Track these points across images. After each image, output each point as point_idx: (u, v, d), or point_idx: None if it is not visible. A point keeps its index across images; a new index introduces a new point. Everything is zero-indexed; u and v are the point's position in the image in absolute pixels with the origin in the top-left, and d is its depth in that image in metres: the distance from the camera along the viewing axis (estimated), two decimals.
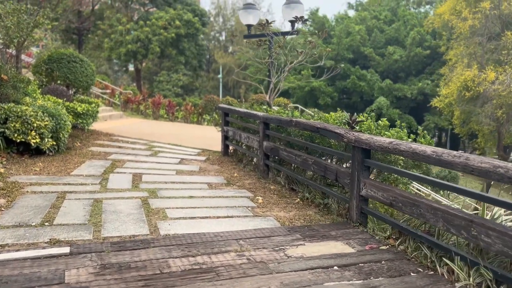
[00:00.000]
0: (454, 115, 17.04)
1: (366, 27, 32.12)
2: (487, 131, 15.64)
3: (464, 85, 14.02)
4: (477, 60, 14.61)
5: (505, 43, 14.03)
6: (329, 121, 5.27)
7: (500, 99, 13.32)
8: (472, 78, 13.69)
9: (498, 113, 14.17)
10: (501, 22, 14.61)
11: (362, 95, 29.83)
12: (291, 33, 7.81)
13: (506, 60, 13.87)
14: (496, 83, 13.21)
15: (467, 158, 3.04)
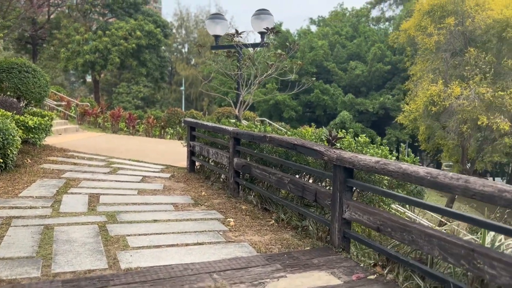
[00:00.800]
0: (420, 130, 17.37)
1: (329, 42, 32.64)
2: (452, 145, 16.01)
3: (430, 100, 14.29)
4: (442, 75, 14.97)
5: (469, 59, 14.46)
6: (306, 137, 4.96)
7: (465, 114, 13.65)
8: (438, 93, 13.98)
9: (463, 128, 14.53)
10: (464, 38, 15.09)
11: (325, 109, 30.11)
12: (261, 45, 7.52)
13: (470, 75, 14.28)
14: (461, 98, 13.54)
15: (467, 181, 2.78)
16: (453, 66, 15.35)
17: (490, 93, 13.05)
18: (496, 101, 13.23)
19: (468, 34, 14.91)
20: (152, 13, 36.09)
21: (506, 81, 13.80)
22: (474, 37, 15.06)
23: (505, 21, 13.46)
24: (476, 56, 14.19)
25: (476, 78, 13.83)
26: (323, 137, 4.76)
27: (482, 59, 13.96)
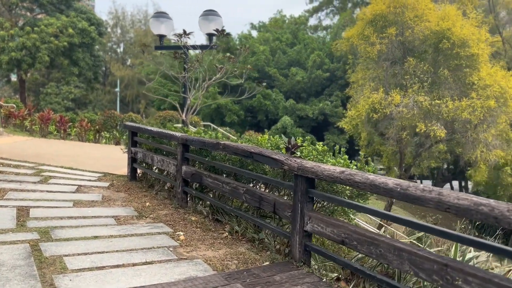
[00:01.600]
0: (361, 136, 17.92)
1: (270, 48, 32.94)
2: (391, 151, 16.68)
3: (372, 108, 14.77)
4: (383, 83, 15.55)
5: (408, 68, 15.15)
6: (262, 144, 4.73)
7: (404, 121, 14.26)
8: (379, 101, 14.48)
9: (402, 135, 15.19)
10: (404, 48, 15.80)
11: (267, 114, 30.28)
12: (210, 47, 7.21)
13: (409, 84, 14.95)
14: (401, 106, 14.12)
15: (440, 194, 2.69)
16: (393, 75, 16.03)
17: (428, 101, 13.76)
18: (433, 109, 13.97)
19: (407, 44, 15.67)
20: (85, 10, 34.22)
21: (442, 90, 14.64)
22: (413, 47, 15.86)
23: (441, 33, 14.30)
24: (415, 65, 14.93)
25: (414, 86, 14.53)
26: (281, 145, 4.57)
27: (420, 69, 14.71)
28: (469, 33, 14.15)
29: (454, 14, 14.71)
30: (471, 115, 13.37)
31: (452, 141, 14.36)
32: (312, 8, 53.59)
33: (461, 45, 13.96)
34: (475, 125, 13.88)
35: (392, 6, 15.05)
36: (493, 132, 14.51)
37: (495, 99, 13.68)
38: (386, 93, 14.76)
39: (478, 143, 14.19)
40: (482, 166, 15.18)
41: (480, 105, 13.35)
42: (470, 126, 14.04)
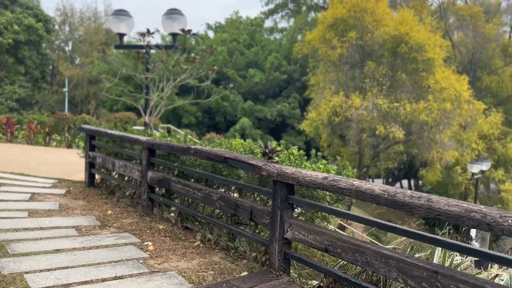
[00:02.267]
0: (322, 138, 18.16)
1: (228, 49, 32.74)
2: (351, 153, 17.01)
3: (333, 111, 14.97)
4: (343, 86, 15.83)
5: (367, 71, 15.50)
6: (236, 149, 4.58)
7: (364, 124, 14.57)
8: (340, 104, 14.71)
9: (363, 137, 15.51)
10: (363, 52, 16.15)
11: (225, 115, 30.06)
12: (175, 47, 6.94)
13: (368, 87, 15.30)
14: (361, 108, 14.42)
15: (430, 200, 2.67)
16: (354, 78, 16.38)
17: (386, 104, 14.17)
18: (391, 112, 14.40)
19: (367, 48, 16.06)
20: (32, 6, 32.40)
21: (399, 93, 15.13)
22: (372, 51, 16.27)
23: (399, 37, 14.76)
24: (374, 69, 15.32)
25: (374, 90, 14.91)
26: (255, 149, 4.44)
27: (379, 72, 15.11)
28: (425, 37, 14.73)
29: (411, 19, 15.27)
30: (428, 117, 13.93)
31: (409, 142, 14.88)
32: (267, 10, 53.98)
33: (418, 49, 14.51)
34: (431, 127, 14.46)
35: (352, 10, 15.35)
36: (448, 133, 15.18)
37: (450, 102, 14.33)
38: (347, 96, 15.05)
39: (435, 144, 14.79)
40: (438, 166, 15.84)
41: (436, 107, 13.93)
42: (427, 127, 14.61)
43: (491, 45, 20.05)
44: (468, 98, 15.23)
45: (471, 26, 19.37)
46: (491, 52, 20.37)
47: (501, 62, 21.37)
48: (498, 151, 18.09)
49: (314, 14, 47.43)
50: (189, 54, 7.72)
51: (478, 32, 19.18)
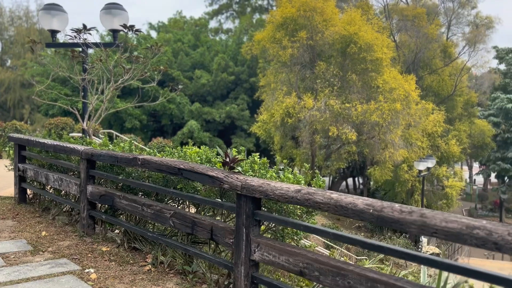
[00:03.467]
0: (274, 140, 17.84)
1: (172, 49, 31.72)
2: (303, 154, 16.83)
3: (286, 112, 14.68)
4: (295, 87, 15.63)
5: (318, 72, 15.38)
6: (192, 158, 4.06)
7: (317, 125, 14.42)
8: (293, 105, 14.45)
9: (316, 138, 15.36)
10: (314, 52, 16.02)
11: (172, 118, 29.05)
12: (116, 45, 6.25)
13: (320, 88, 15.17)
14: (313, 109, 14.25)
15: (423, 215, 2.32)
16: (305, 79, 16.23)
17: (338, 105, 14.12)
18: (343, 113, 14.38)
19: (318, 48, 15.96)
20: None
21: (350, 93, 15.16)
22: (323, 51, 16.20)
23: (349, 37, 14.78)
24: (325, 69, 15.24)
25: (325, 90, 14.82)
26: (213, 158, 3.96)
27: (330, 73, 15.06)
28: (373, 37, 14.89)
29: (359, 19, 15.39)
30: (380, 117, 14.06)
31: (360, 142, 14.98)
32: (212, 11, 53.44)
33: (367, 49, 14.62)
34: (382, 127, 14.63)
35: (301, 9, 15.18)
36: (399, 133, 15.46)
37: (400, 102, 14.58)
38: (299, 97, 14.86)
39: (386, 144, 14.99)
40: (390, 166, 16.12)
41: (387, 108, 14.10)
42: (378, 128, 14.78)
43: (433, 46, 20.90)
44: (416, 98, 15.65)
45: (415, 27, 20.05)
46: (432, 52, 21.25)
47: (441, 62, 22.37)
48: (441, 148, 18.84)
49: (259, 16, 47.52)
50: (132, 53, 7.05)
51: (421, 33, 19.90)
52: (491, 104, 29.23)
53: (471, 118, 23.47)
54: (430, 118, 16.18)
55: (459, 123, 21.78)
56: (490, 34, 21.65)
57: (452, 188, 18.43)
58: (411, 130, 15.85)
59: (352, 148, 15.19)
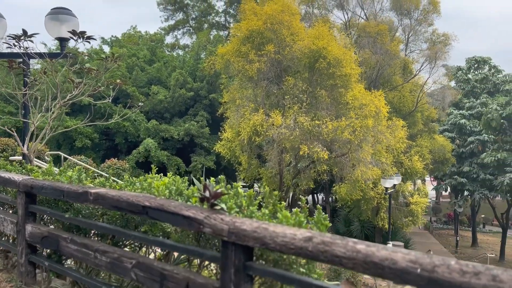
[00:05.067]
0: (241, 159, 17.05)
1: (126, 65, 30.39)
2: (271, 174, 16.18)
3: (254, 130, 14.00)
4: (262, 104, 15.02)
5: (287, 88, 14.87)
6: (160, 192, 3.27)
7: (287, 143, 13.83)
8: (261, 122, 13.80)
9: (286, 157, 14.77)
10: (281, 67, 15.53)
11: (126, 136, 27.56)
12: (63, 55, 5.36)
13: (289, 104, 14.65)
14: (282, 127, 13.68)
15: (496, 278, 1.70)
16: (273, 95, 15.69)
17: (308, 122, 13.64)
18: (314, 130, 13.90)
19: (286, 62, 15.50)
20: None
21: (320, 110, 14.76)
22: (291, 66, 15.76)
23: (318, 52, 14.43)
24: (294, 85, 14.77)
25: (294, 107, 14.33)
26: (184, 191, 3.19)
27: (299, 88, 14.61)
28: (341, 53, 14.66)
29: (327, 33, 15.14)
30: (352, 135, 13.73)
31: (330, 160, 14.56)
32: (168, 26, 52.40)
33: (336, 64, 14.34)
34: (355, 145, 14.31)
35: (268, 22, 14.72)
36: (371, 151, 15.20)
37: (372, 118, 14.35)
38: (267, 114, 14.28)
39: (358, 162, 14.66)
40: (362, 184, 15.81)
41: (359, 124, 13.80)
42: (350, 145, 14.44)
43: (394, 62, 21.22)
44: (386, 114, 15.53)
45: (377, 43, 20.25)
46: (393, 69, 21.57)
47: (401, 79, 22.76)
48: (404, 164, 18.91)
49: (216, 32, 47.07)
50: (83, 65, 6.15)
51: (383, 49, 20.11)
52: (445, 120, 30.20)
53: (431, 134, 23.99)
54: (399, 135, 16.14)
55: (421, 139, 22.14)
56: (448, 51, 22.38)
57: (417, 204, 18.48)
58: (379, 147, 15.70)
59: (323, 167, 14.75)
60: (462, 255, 32.44)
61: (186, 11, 50.17)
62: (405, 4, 22.45)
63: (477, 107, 31.81)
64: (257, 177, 17.76)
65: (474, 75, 35.55)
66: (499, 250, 32.27)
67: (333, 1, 23.83)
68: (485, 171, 28.69)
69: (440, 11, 23.07)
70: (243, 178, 19.98)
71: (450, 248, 34.57)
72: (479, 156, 28.72)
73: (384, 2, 23.90)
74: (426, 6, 22.87)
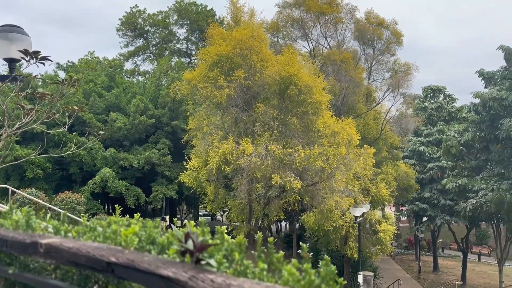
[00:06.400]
0: (208, 190, 16.27)
1: (83, 91, 29.16)
2: (240, 205, 15.49)
3: (223, 159, 13.34)
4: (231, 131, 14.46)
5: (258, 115, 14.43)
6: (129, 242, 2.63)
7: (258, 172, 13.28)
8: (231, 151, 13.17)
9: (257, 187, 14.19)
10: (252, 94, 15.11)
11: (82, 165, 26.05)
12: (12, 78, 4.66)
13: (260, 132, 14.17)
14: (253, 155, 13.14)
15: None
16: (242, 122, 15.19)
17: (280, 150, 13.22)
18: (286, 159, 13.48)
19: (256, 89, 15.10)
20: None
21: (292, 138, 14.39)
22: (261, 93, 15.40)
23: (288, 78, 14.16)
24: (265, 112, 14.37)
25: (266, 134, 13.88)
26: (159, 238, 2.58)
27: (270, 115, 14.21)
28: (312, 79, 14.51)
29: (297, 60, 14.97)
30: (325, 163, 13.42)
31: (301, 189, 14.15)
32: (127, 53, 51.44)
33: (307, 91, 14.13)
34: (328, 173, 14.02)
35: (238, 47, 14.33)
36: (344, 179, 14.96)
37: (344, 146, 14.15)
38: (237, 143, 13.72)
39: (332, 192, 14.35)
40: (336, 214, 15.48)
41: (332, 152, 13.54)
42: (323, 174, 14.13)
43: (359, 90, 21.53)
44: (357, 142, 15.44)
45: (342, 71, 20.49)
46: (357, 96, 21.88)
47: (365, 107, 23.14)
48: (371, 191, 18.87)
49: (178, 59, 46.61)
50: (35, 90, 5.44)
51: (347, 77, 20.36)
52: (404, 147, 30.95)
53: (395, 161, 24.37)
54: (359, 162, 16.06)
55: (386, 166, 22.37)
56: (410, 79, 23.08)
57: (385, 232, 18.36)
58: (350, 174, 15.54)
59: (295, 197, 14.31)
60: (425, 280, 32.68)
61: (146, 37, 49.53)
62: (368, 35, 23.16)
63: (434, 134, 32.96)
64: (223, 207, 17.01)
65: (430, 103, 37.08)
66: (459, 275, 32.82)
67: (297, 31, 24.25)
68: (445, 196, 29.43)
69: (403, 42, 24.05)
70: (209, 210, 19.22)
71: (413, 273, 34.78)
72: (438, 182, 29.47)
73: (347, 32, 24.66)
74: (389, 37, 23.71)
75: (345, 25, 24.45)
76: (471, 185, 22.25)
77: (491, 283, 32.44)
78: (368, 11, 24.33)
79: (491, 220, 27.90)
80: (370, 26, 23.65)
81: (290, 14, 24.08)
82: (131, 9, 47.15)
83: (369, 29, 23.49)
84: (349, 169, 14.81)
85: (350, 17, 24.49)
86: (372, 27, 23.57)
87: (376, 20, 23.90)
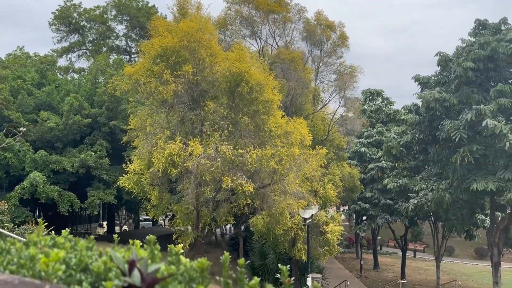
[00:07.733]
0: (152, 195, 15.02)
1: (10, 87, 26.60)
2: (186, 210, 14.46)
3: (170, 161, 12.25)
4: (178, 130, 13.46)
5: (207, 113, 13.51)
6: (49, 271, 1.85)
7: (207, 175, 12.36)
8: (178, 152, 12.13)
9: (206, 191, 13.25)
10: (200, 91, 14.14)
11: (8, 169, 23.62)
12: None
13: (209, 131, 13.26)
14: (202, 157, 12.22)
15: None
16: (189, 121, 14.22)
17: (231, 151, 12.42)
18: (237, 160, 12.72)
19: (205, 85, 14.20)
20: None
21: (243, 138, 13.66)
22: (212, 90, 14.52)
23: (240, 75, 13.41)
24: (214, 110, 13.50)
25: (215, 134, 13.02)
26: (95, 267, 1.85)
27: (220, 114, 13.37)
28: (263, 77, 13.92)
29: (248, 56, 14.36)
30: (278, 164, 12.86)
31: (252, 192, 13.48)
32: (61, 48, 48.16)
33: (259, 90, 13.49)
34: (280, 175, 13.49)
35: (185, 40, 13.35)
36: (297, 181, 14.52)
37: (297, 147, 13.71)
38: (185, 143, 12.74)
39: (284, 194, 13.85)
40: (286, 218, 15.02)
41: (286, 153, 13.01)
42: (276, 176, 13.58)
43: (307, 91, 21.45)
44: (310, 142, 15.12)
45: (292, 71, 20.24)
46: (305, 97, 21.80)
47: (312, 108, 23.14)
48: (319, 192, 18.75)
49: (116, 56, 44.33)
50: None
51: (296, 77, 20.16)
52: (347, 148, 31.57)
53: (340, 162, 24.62)
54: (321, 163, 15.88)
55: (333, 167, 22.48)
56: (356, 81, 23.47)
57: (333, 233, 18.31)
58: (301, 176, 15.22)
59: (247, 200, 13.62)
60: (367, 278, 33.50)
61: (82, 33, 46.64)
62: (317, 36, 23.25)
63: (374, 136, 33.97)
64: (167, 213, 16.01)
65: (369, 106, 38.36)
66: (398, 271, 34.02)
67: (246, 29, 23.81)
68: (386, 196, 30.35)
69: (349, 45, 24.49)
70: (152, 216, 18.05)
71: (355, 272, 35.55)
72: (379, 182, 30.34)
73: (295, 33, 24.69)
74: (336, 39, 24.01)
75: (293, 25, 24.51)
76: (412, 185, 22.97)
77: (428, 278, 33.96)
78: (318, 12, 24.53)
79: (428, 218, 29.15)
80: (319, 27, 23.83)
81: (239, 10, 23.56)
82: (65, 3, 44.21)
83: (318, 30, 23.63)
84: (300, 170, 14.50)
85: (299, 17, 24.58)
86: (321, 29, 23.74)
87: (325, 22, 24.12)
